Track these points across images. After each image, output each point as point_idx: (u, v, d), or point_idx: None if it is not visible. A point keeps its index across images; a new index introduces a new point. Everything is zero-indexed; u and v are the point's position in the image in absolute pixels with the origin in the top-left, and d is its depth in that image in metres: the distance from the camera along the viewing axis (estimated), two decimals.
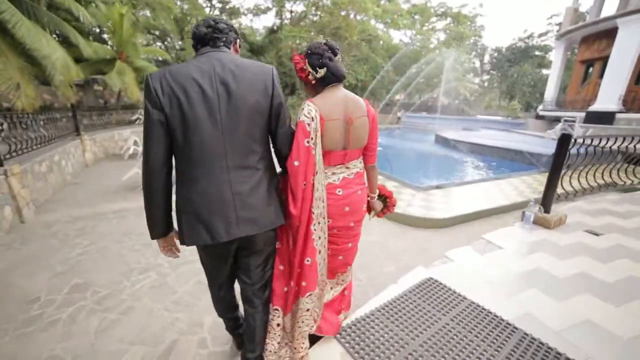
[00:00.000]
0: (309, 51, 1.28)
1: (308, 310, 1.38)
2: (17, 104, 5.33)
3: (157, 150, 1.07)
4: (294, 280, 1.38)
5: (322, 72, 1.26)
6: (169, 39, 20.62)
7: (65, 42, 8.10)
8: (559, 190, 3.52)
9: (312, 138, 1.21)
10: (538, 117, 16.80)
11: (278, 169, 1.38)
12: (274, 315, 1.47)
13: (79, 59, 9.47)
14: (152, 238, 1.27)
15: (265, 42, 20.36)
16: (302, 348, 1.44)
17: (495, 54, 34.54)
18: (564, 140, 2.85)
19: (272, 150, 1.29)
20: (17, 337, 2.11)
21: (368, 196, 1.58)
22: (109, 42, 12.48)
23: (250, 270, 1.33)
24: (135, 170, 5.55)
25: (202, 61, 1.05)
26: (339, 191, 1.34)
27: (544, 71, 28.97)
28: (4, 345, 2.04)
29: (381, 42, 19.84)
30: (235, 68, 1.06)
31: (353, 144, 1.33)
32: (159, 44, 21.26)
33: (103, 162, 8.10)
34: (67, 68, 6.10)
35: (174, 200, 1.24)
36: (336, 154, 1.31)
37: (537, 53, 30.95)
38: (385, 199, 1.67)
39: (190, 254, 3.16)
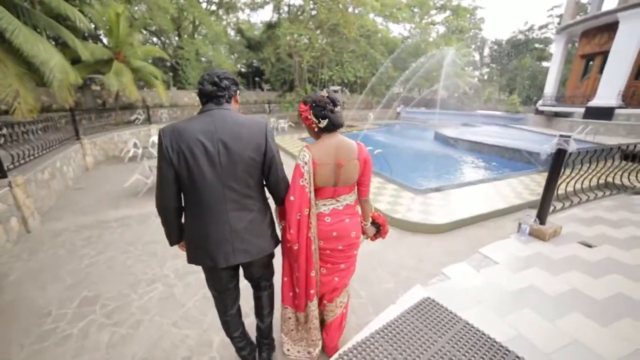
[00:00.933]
0: (314, 103, 1.50)
1: (314, 310, 1.73)
2: (17, 113, 5.34)
3: (168, 191, 1.32)
4: (300, 288, 1.68)
5: (324, 122, 1.49)
6: (165, 36, 20.42)
7: (61, 44, 8.04)
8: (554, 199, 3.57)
9: (305, 178, 1.48)
10: (537, 112, 16.78)
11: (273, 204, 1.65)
12: (285, 311, 1.82)
13: (76, 60, 9.42)
14: (171, 245, 1.55)
15: (263, 38, 20.17)
16: (317, 339, 1.83)
17: (495, 47, 34.33)
18: (560, 155, 2.91)
19: (267, 191, 1.54)
20: (34, 352, 2.20)
21: (362, 223, 1.80)
22: (106, 42, 12.38)
23: (254, 277, 1.72)
24: (136, 177, 5.60)
25: (207, 121, 1.26)
26: (327, 219, 1.59)
27: (544, 64, 28.82)
28: None
29: (380, 35, 19.67)
30: (233, 128, 1.27)
31: (343, 182, 1.55)
32: (155, 40, 21.07)
33: (103, 165, 8.14)
34: (65, 73, 6.08)
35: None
36: (327, 189, 1.56)
37: (537, 46, 30.76)
38: (379, 226, 1.89)
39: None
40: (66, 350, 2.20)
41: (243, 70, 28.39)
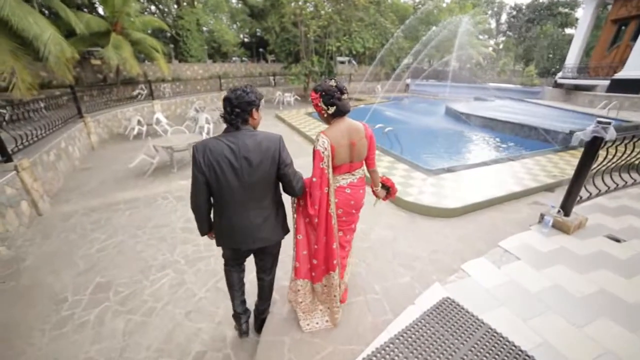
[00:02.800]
0: (323, 92, 1.69)
1: (336, 280, 1.93)
2: (15, 91, 5.17)
3: (200, 195, 1.61)
4: (319, 260, 1.88)
5: (332, 109, 1.72)
6: (163, 4, 19.39)
7: (54, 14, 7.62)
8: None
9: (325, 162, 1.69)
10: (556, 85, 15.88)
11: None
12: (300, 286, 1.99)
13: (72, 33, 9.01)
14: (202, 235, 1.81)
15: (267, 5, 18.99)
16: (337, 307, 2.00)
17: (514, 13, 31.93)
18: (594, 144, 2.66)
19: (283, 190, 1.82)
20: (54, 338, 2.25)
21: (373, 188, 2.14)
22: (102, 13, 11.77)
23: (263, 265, 2.03)
24: (142, 157, 5.52)
25: (231, 141, 1.53)
26: (347, 190, 1.89)
27: (568, 31, 26.83)
28: (45, 347, 2.19)
29: (390, 1, 18.36)
30: (253, 147, 1.53)
31: (356, 158, 1.83)
32: (153, 9, 20.06)
33: (109, 144, 8.06)
34: (60, 47, 5.79)
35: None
36: (344, 166, 1.83)
37: (562, 10, 28.42)
38: (389, 188, 2.14)
39: (205, 249, 3.28)
40: (85, 337, 2.25)
41: (246, 40, 27.21)
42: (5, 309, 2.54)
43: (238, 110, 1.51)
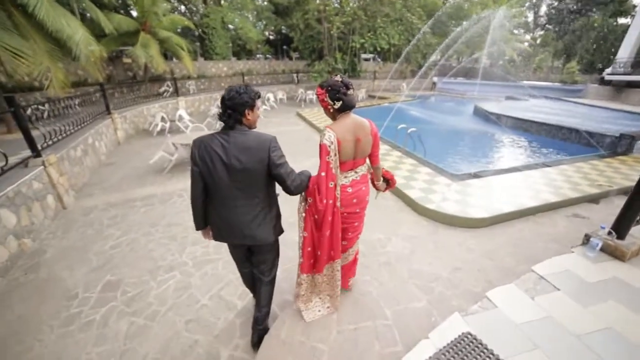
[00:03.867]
0: (329, 87, 1.69)
1: (327, 275, 2.05)
2: (50, 90, 5.44)
3: (196, 188, 1.67)
4: (323, 251, 1.91)
5: (338, 104, 1.71)
6: (192, 3, 19.90)
7: (88, 19, 7.99)
8: None
9: (331, 156, 1.70)
10: (603, 82, 14.47)
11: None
12: (303, 280, 2.07)
13: (104, 34, 9.42)
14: (197, 229, 1.85)
15: (291, 2, 18.97)
16: (337, 293, 2.11)
17: (556, 4, 29.59)
18: None
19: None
20: (61, 335, 2.27)
21: (374, 183, 2.14)
22: (133, 13, 12.24)
23: (260, 266, 2.02)
24: (161, 153, 5.62)
25: (224, 138, 1.56)
26: (349, 189, 1.87)
27: (621, 21, 24.29)
28: (51, 344, 2.21)
29: None
30: (243, 147, 1.56)
31: (360, 155, 1.83)
32: (182, 8, 20.68)
33: (134, 140, 8.35)
34: (90, 48, 6.03)
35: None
36: (348, 163, 1.81)
37: None
38: (388, 180, 2.14)
39: (214, 251, 3.22)
40: (88, 337, 2.25)
41: (271, 37, 27.41)
42: (23, 301, 2.62)
43: (230, 111, 1.55)
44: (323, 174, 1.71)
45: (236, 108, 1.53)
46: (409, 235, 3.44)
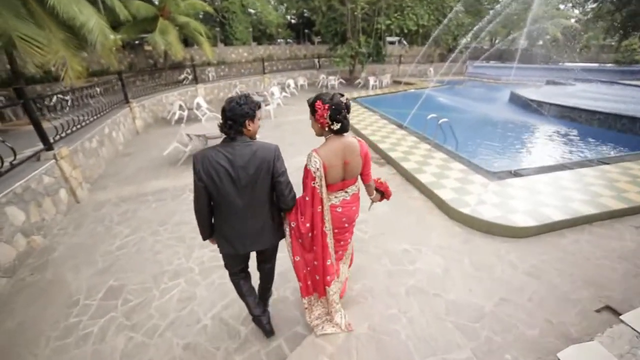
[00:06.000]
0: (333, 106, 1.57)
1: (335, 293, 1.97)
2: (65, 79, 5.36)
3: (201, 201, 1.62)
4: (319, 275, 1.89)
5: (337, 126, 1.62)
6: None
7: (107, 7, 7.86)
8: None
9: (317, 181, 1.64)
10: None
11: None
12: (306, 303, 2.03)
13: (127, 21, 9.29)
14: (203, 239, 1.81)
15: None
16: (335, 311, 2.01)
17: None
18: None
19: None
20: (56, 349, 2.12)
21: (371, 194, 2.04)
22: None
23: (264, 258, 2.03)
24: (174, 145, 5.44)
25: (228, 151, 1.55)
26: (339, 209, 1.81)
27: None
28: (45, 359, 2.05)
29: None
30: (248, 157, 1.55)
31: (349, 176, 1.75)
32: None
33: (152, 128, 8.30)
34: (104, 35, 5.88)
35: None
36: (337, 184, 1.74)
37: None
38: (382, 192, 2.03)
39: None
40: (83, 353, 2.09)
41: (293, 21, 26.58)
42: (26, 306, 2.52)
43: (231, 122, 1.53)
44: (307, 198, 1.69)
45: (236, 119, 1.52)
46: (440, 245, 3.00)
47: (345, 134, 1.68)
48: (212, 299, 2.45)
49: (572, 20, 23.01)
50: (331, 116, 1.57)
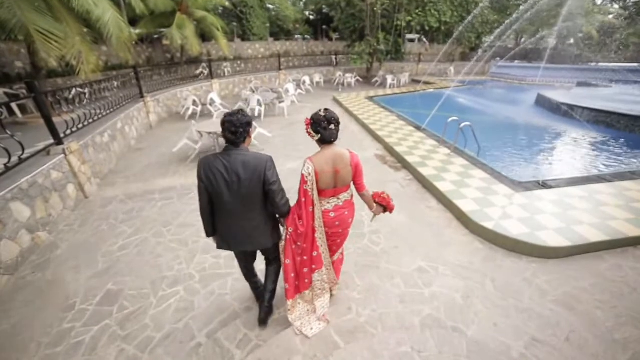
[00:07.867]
0: (312, 121, 1.84)
1: (319, 280, 2.12)
2: (81, 73, 5.37)
3: (203, 200, 1.83)
4: (307, 267, 2.06)
5: (317, 136, 1.85)
6: None
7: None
8: None
9: (309, 185, 1.85)
10: None
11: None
12: (290, 306, 2.13)
13: (144, 16, 9.32)
14: (207, 236, 1.99)
15: None
16: (320, 307, 2.16)
17: None
18: None
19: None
20: (44, 357, 2.02)
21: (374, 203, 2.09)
22: None
23: (267, 255, 2.20)
24: (184, 142, 5.36)
25: (226, 159, 1.75)
26: (331, 214, 1.98)
27: None
28: None
29: None
30: (242, 165, 1.75)
31: (341, 184, 1.91)
32: None
33: (166, 123, 8.31)
34: (119, 29, 5.86)
35: None
36: (328, 190, 1.92)
37: None
38: (384, 207, 2.07)
39: (225, 264, 2.83)
40: None
41: (311, 17, 26.29)
42: (23, 306, 2.46)
43: (241, 129, 1.73)
44: (303, 199, 1.89)
45: (245, 127, 1.75)
46: (460, 264, 2.73)
47: (335, 143, 1.87)
48: (210, 312, 2.30)
49: (610, 17, 21.54)
50: (313, 129, 1.83)
